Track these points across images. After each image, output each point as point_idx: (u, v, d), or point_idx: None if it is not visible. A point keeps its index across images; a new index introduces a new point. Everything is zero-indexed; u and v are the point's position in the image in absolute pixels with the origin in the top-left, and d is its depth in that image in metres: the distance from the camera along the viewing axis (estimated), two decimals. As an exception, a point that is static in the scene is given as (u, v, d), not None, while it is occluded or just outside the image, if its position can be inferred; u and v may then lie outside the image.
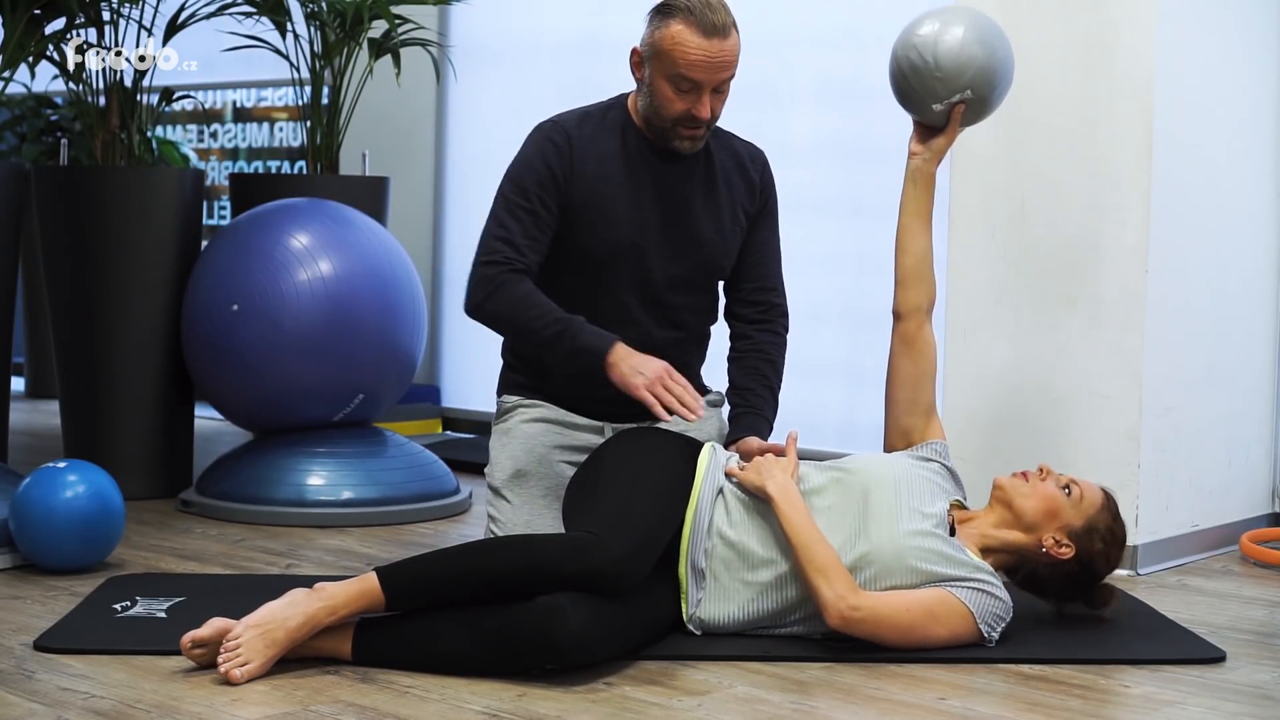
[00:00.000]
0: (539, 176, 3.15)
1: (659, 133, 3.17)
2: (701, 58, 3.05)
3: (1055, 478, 2.95)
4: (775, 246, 3.36)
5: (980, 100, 3.13)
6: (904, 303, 3.18)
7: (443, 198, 6.07)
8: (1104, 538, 2.92)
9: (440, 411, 5.88)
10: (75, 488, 3.38)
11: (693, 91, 3.08)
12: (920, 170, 3.19)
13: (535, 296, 3.09)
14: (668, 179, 3.21)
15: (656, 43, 3.10)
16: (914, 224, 3.19)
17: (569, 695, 2.55)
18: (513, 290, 3.09)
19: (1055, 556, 2.89)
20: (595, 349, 3.03)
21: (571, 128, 3.20)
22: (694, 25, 3.05)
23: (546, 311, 3.07)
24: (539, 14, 5.76)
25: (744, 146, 3.34)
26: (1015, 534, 2.91)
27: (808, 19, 5.05)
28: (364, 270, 4.17)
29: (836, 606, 2.72)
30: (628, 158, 3.20)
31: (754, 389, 3.26)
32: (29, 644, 2.79)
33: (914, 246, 3.19)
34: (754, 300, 3.33)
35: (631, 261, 3.20)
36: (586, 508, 2.83)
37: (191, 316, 4.21)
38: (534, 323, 3.07)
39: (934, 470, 3.00)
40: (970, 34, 3.09)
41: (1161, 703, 2.60)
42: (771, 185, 3.35)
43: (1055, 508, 2.90)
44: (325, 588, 2.66)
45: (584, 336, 3.04)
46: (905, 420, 3.13)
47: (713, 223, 3.24)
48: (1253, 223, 4.00)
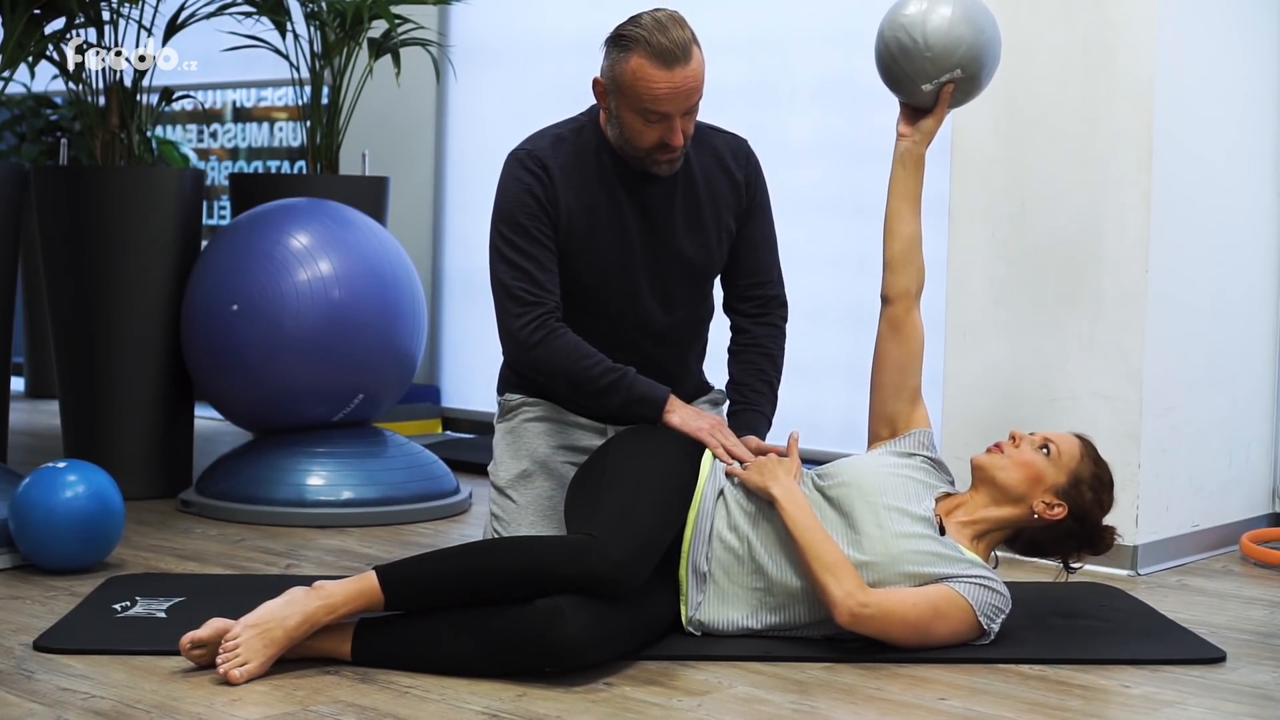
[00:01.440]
0: (529, 209, 3.10)
1: (634, 160, 3.11)
2: (666, 90, 2.97)
3: (1029, 440, 2.93)
4: (768, 237, 3.32)
5: (970, 79, 3.10)
6: (892, 286, 3.15)
7: (443, 198, 6.07)
8: (1091, 485, 2.90)
9: (440, 411, 5.88)
10: (75, 488, 3.38)
11: (662, 121, 3.01)
12: (910, 152, 3.17)
13: (584, 346, 3.07)
14: (648, 199, 3.16)
15: (618, 77, 3.03)
16: (903, 207, 3.16)
17: (569, 695, 2.55)
18: (562, 340, 3.07)
19: (1049, 519, 2.88)
20: (652, 399, 3.06)
21: (547, 156, 3.12)
22: (652, 57, 2.96)
23: (599, 361, 3.06)
24: (539, 14, 5.76)
25: (725, 142, 3.26)
26: (1005, 509, 2.90)
27: (808, 19, 5.05)
28: (364, 270, 4.17)
29: (846, 604, 2.72)
30: (606, 182, 3.14)
31: (753, 385, 3.26)
32: (29, 644, 2.79)
33: (903, 230, 3.16)
34: (750, 295, 3.32)
35: (620, 286, 3.17)
36: (587, 509, 2.83)
37: (191, 316, 4.21)
38: (589, 371, 3.06)
39: (916, 466, 2.98)
40: (958, 12, 3.06)
41: (1161, 703, 2.60)
42: (758, 177, 3.28)
43: (1037, 472, 2.89)
44: (324, 586, 2.65)
45: (639, 387, 3.06)
46: (890, 406, 3.10)
47: (698, 237, 3.20)
48: (1253, 223, 4.00)
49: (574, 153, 3.14)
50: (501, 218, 3.13)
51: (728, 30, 5.16)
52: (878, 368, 3.13)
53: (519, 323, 3.08)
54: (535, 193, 3.10)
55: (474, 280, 5.93)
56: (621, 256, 3.15)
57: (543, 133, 3.21)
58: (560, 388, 3.14)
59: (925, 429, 3.09)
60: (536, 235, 3.09)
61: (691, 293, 3.26)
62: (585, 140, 3.16)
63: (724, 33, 5.17)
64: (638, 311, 3.19)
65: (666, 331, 3.23)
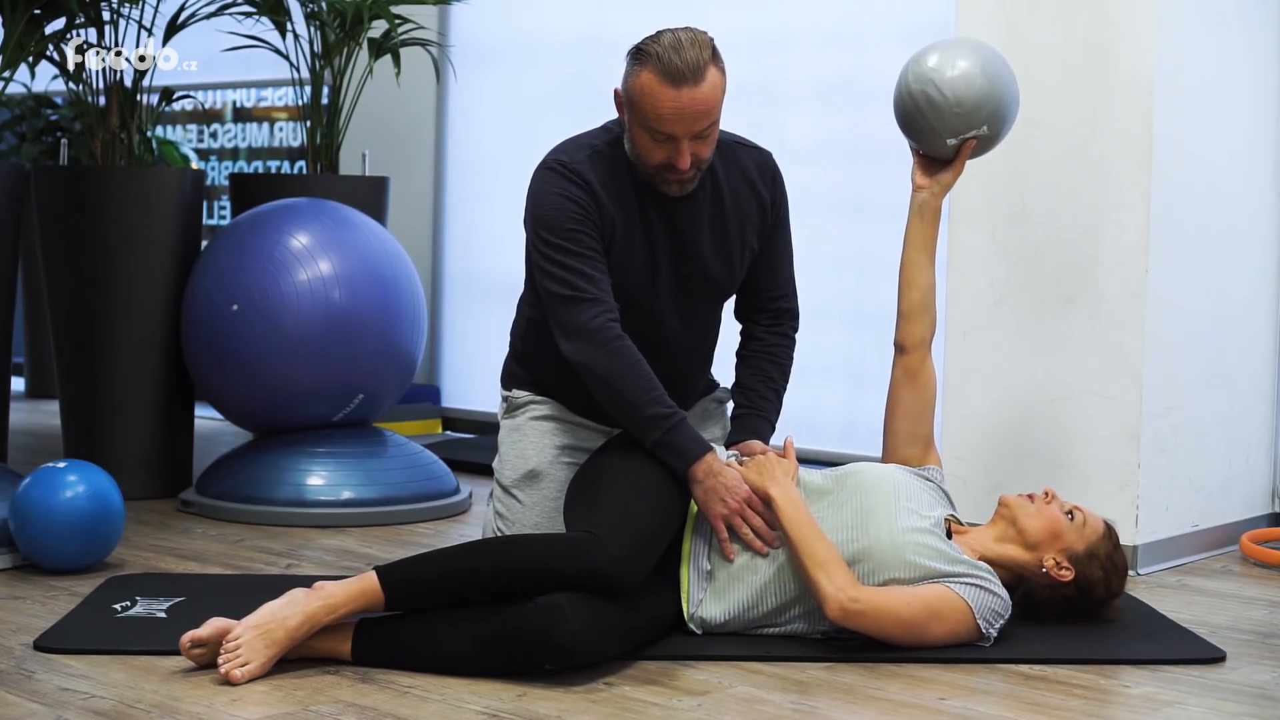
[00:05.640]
0: (575, 217, 2.99)
1: (645, 177, 3.05)
2: (672, 110, 2.90)
3: (1060, 503, 2.97)
4: (786, 251, 3.30)
5: (991, 137, 3.14)
6: (909, 336, 3.18)
7: (443, 198, 6.07)
8: (1104, 565, 2.94)
9: (440, 411, 5.88)
10: (75, 488, 3.38)
11: (669, 142, 2.95)
12: (927, 204, 3.19)
13: (646, 366, 2.95)
14: (676, 219, 3.10)
15: (630, 91, 2.96)
16: (920, 258, 3.19)
17: (569, 695, 2.55)
18: (628, 350, 2.95)
19: (1055, 578, 2.91)
20: (685, 453, 2.89)
21: (585, 170, 3.03)
22: (662, 75, 2.89)
23: (654, 389, 2.94)
24: (539, 14, 5.76)
25: (752, 157, 3.21)
26: (1017, 550, 2.93)
27: (808, 19, 5.05)
28: (364, 270, 4.17)
29: (836, 599, 2.73)
30: (639, 199, 3.08)
31: (759, 390, 3.26)
32: (29, 644, 2.79)
33: (920, 280, 3.18)
34: (767, 309, 3.31)
35: (644, 305, 3.12)
36: (587, 507, 2.83)
37: (191, 316, 4.21)
38: (641, 396, 2.93)
39: (931, 486, 3.04)
40: (987, 70, 3.08)
41: (1161, 703, 2.60)
42: (782, 193, 3.24)
43: (1059, 530, 2.92)
44: (324, 587, 2.66)
45: (677, 436, 2.91)
46: (905, 451, 3.16)
47: (723, 256, 3.16)
48: (1253, 223, 4.00)
49: (609, 167, 3.07)
50: (545, 225, 3.02)
51: (728, 30, 5.14)
52: (891, 414, 3.17)
53: (588, 313, 2.95)
54: (580, 202, 3.01)
55: (474, 280, 5.93)
56: (647, 272, 3.11)
57: (575, 144, 3.12)
58: (600, 393, 2.99)
59: (937, 468, 3.15)
60: (587, 240, 3.00)
61: (710, 307, 3.25)
62: (618, 155, 3.09)
63: (724, 33, 5.14)
64: (659, 330, 3.15)
65: (680, 338, 3.22)
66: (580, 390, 3.16)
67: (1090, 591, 2.94)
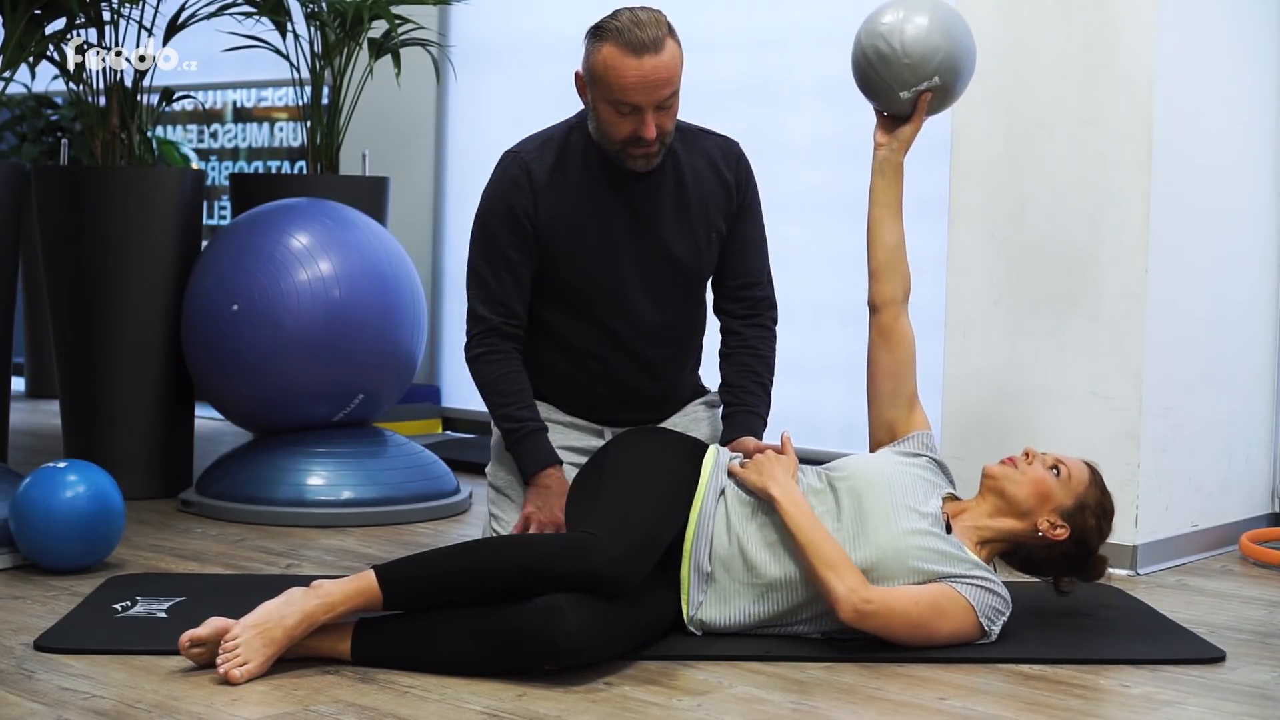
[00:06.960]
0: (504, 219, 3.16)
1: (612, 155, 3.12)
2: (635, 80, 3.00)
3: (1041, 459, 2.96)
4: (758, 238, 3.31)
5: (945, 87, 3.12)
6: (879, 295, 3.17)
7: (443, 198, 6.07)
8: (1095, 513, 2.94)
9: (440, 411, 5.88)
10: (75, 488, 3.38)
11: (634, 114, 3.03)
12: (888, 161, 3.18)
13: (507, 381, 3.19)
14: (636, 200, 3.17)
15: (592, 67, 3.07)
16: (885, 215, 3.18)
17: (569, 695, 2.55)
18: (495, 368, 3.19)
19: (1051, 539, 2.91)
20: (523, 462, 3.17)
21: (532, 159, 3.16)
22: (623, 46, 3.00)
23: (508, 403, 3.17)
24: (539, 14, 5.76)
25: (715, 144, 3.27)
26: (1010, 521, 2.93)
27: (808, 19, 5.05)
28: (364, 270, 4.17)
29: (849, 600, 2.73)
30: (593, 182, 3.15)
31: (746, 386, 3.26)
32: (29, 644, 2.79)
33: (886, 238, 3.17)
34: (740, 297, 3.31)
35: (610, 289, 3.17)
36: (586, 508, 2.83)
37: (191, 316, 4.21)
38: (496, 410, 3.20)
39: (923, 466, 3.01)
40: (935, 21, 3.09)
41: (1161, 703, 2.60)
42: (748, 179, 3.28)
43: (1046, 491, 2.91)
44: (323, 585, 2.66)
45: (524, 445, 3.16)
46: (889, 413, 3.13)
47: (687, 238, 3.20)
48: (1253, 223, 4.00)
49: (560, 153, 3.17)
50: (478, 216, 3.22)
51: (728, 30, 5.17)
52: (872, 375, 3.15)
53: (468, 335, 3.23)
54: (513, 203, 3.15)
55: (474, 280, 5.93)
56: (607, 254, 3.16)
57: (535, 135, 3.24)
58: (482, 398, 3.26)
59: (925, 431, 3.11)
60: (504, 245, 3.16)
61: (682, 293, 3.26)
62: (573, 141, 3.18)
63: (724, 33, 5.18)
64: (628, 310, 3.19)
65: (659, 331, 3.23)
66: (569, 391, 3.20)
67: (1087, 543, 2.94)
